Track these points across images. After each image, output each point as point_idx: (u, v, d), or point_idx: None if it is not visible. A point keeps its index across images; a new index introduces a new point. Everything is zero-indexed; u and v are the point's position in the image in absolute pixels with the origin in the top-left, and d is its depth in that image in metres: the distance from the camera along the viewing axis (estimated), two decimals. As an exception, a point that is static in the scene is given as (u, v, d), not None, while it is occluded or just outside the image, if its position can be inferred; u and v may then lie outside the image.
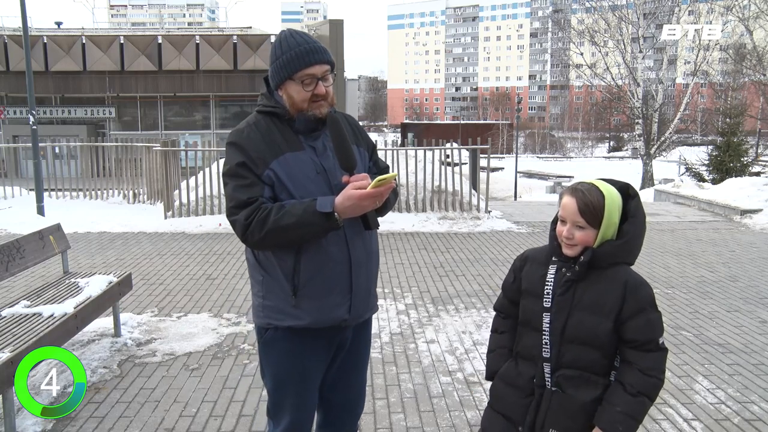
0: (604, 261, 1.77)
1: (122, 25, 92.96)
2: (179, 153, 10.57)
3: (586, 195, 1.77)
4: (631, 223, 1.80)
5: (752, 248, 7.73)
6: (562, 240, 1.82)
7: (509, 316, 2.01)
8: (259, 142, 1.96)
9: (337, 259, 1.98)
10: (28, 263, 4.09)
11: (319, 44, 1.98)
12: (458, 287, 5.91)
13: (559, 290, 1.81)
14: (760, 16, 24.16)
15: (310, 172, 1.97)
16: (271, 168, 1.93)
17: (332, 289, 1.99)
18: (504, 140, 61.12)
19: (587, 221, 1.76)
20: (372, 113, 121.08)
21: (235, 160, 1.95)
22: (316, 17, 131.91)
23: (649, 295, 1.79)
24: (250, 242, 1.93)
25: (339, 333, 2.09)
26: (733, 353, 4.23)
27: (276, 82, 1.99)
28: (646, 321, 1.75)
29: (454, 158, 10.97)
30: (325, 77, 1.97)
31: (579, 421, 1.79)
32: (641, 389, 1.73)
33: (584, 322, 1.77)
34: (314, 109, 1.96)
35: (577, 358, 1.79)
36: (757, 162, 19.07)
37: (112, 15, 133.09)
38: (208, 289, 5.86)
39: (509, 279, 2.00)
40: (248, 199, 1.90)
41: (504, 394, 1.94)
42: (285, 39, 1.97)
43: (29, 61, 10.00)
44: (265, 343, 2.09)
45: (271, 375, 2.11)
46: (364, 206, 1.85)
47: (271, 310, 2.03)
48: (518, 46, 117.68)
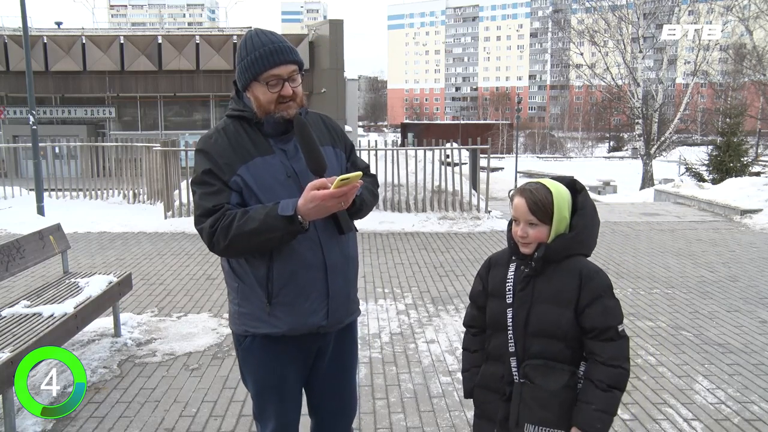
0: (558, 254, 1.84)
1: (122, 25, 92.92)
2: (179, 153, 10.57)
3: (534, 193, 1.85)
4: (580, 216, 1.87)
5: (752, 248, 7.73)
6: (517, 239, 1.88)
7: (480, 332, 2.04)
8: (227, 148, 1.91)
9: (311, 264, 1.93)
10: (28, 263, 4.09)
11: (286, 44, 1.92)
12: (458, 287, 5.91)
13: (519, 286, 1.87)
14: (760, 16, 24.17)
15: (281, 176, 1.92)
16: (238, 174, 1.88)
17: (308, 295, 1.94)
18: (504, 140, 61.13)
19: (538, 218, 1.84)
20: (372, 113, 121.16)
21: (202, 168, 1.90)
22: (316, 17, 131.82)
23: (604, 282, 1.84)
24: (216, 250, 1.88)
25: (318, 340, 2.05)
26: (733, 353, 4.23)
27: (242, 83, 1.94)
28: (603, 308, 1.80)
29: (454, 158, 10.97)
30: (292, 78, 1.91)
31: (553, 411, 1.80)
32: (610, 383, 1.78)
33: (546, 314, 1.83)
34: (281, 110, 1.91)
35: (541, 351, 1.83)
36: (757, 162, 19.06)
37: (112, 15, 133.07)
38: (208, 289, 5.86)
39: (477, 288, 2.04)
40: (214, 207, 1.86)
41: (484, 399, 1.97)
42: (250, 39, 1.91)
43: (29, 61, 10.00)
44: (243, 351, 2.06)
45: (253, 382, 2.08)
46: (329, 207, 1.78)
47: (248, 318, 1.99)
48: (518, 46, 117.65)
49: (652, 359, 4.12)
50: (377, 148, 9.97)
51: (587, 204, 1.88)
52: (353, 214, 1.98)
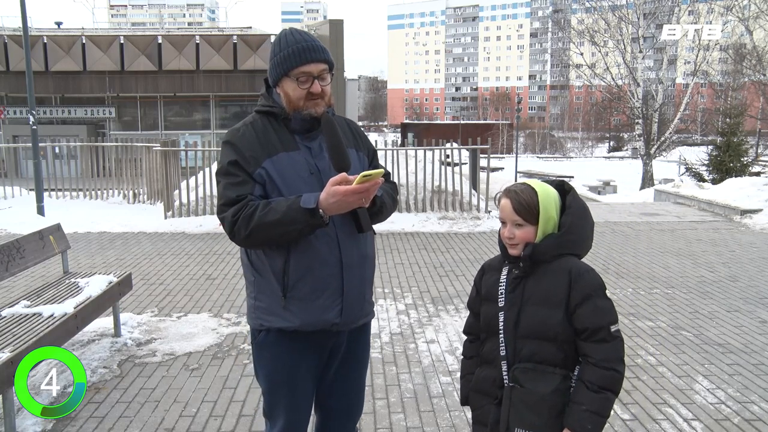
0: (547, 254, 1.82)
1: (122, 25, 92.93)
2: (179, 153, 10.57)
3: (519, 194, 1.85)
4: (568, 215, 1.85)
5: (752, 248, 7.73)
6: (505, 241, 1.88)
7: (476, 339, 2.02)
8: (254, 141, 1.95)
9: (327, 260, 1.95)
10: (28, 263, 4.09)
11: (319, 43, 1.97)
12: (458, 287, 5.91)
13: (509, 288, 1.87)
14: (760, 16, 24.17)
15: (303, 173, 1.95)
16: (263, 167, 1.92)
17: (322, 291, 1.96)
18: (504, 140, 61.11)
19: (524, 218, 1.83)
20: (372, 113, 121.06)
21: (228, 159, 1.95)
22: (316, 17, 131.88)
23: (595, 281, 1.81)
24: (237, 239, 1.91)
25: (331, 337, 2.06)
26: (733, 353, 4.23)
27: (274, 79, 1.99)
28: (593, 307, 1.78)
29: (454, 158, 10.97)
30: (322, 76, 1.96)
31: (543, 416, 1.78)
32: (602, 384, 1.75)
33: (536, 315, 1.81)
34: (310, 107, 1.95)
35: (532, 353, 1.81)
36: (757, 162, 19.05)
37: (112, 15, 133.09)
38: (208, 289, 5.86)
39: (473, 294, 2.03)
40: (237, 197, 1.90)
41: (478, 404, 1.96)
42: (284, 37, 1.97)
43: (29, 61, 10.00)
44: (258, 345, 2.08)
45: (265, 376, 2.10)
46: (350, 202, 1.81)
47: (263, 312, 2.02)
48: (518, 46, 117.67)
49: (652, 359, 4.12)
50: (377, 148, 9.95)
51: (575, 203, 1.87)
52: (373, 215, 1.99)
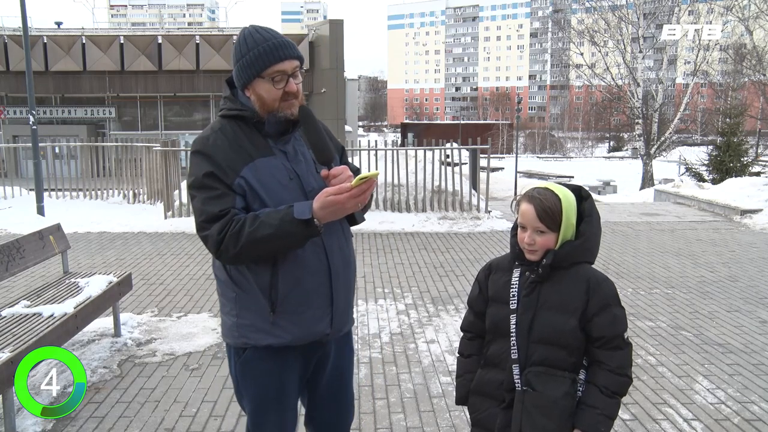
0: (565, 261, 1.81)
1: (122, 25, 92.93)
2: (179, 153, 10.57)
3: (543, 201, 1.80)
4: (587, 223, 1.85)
5: (752, 248, 7.73)
6: (524, 246, 1.85)
7: (476, 337, 2.01)
8: (227, 149, 1.82)
9: (316, 269, 1.87)
10: (28, 263, 4.09)
11: (287, 38, 1.86)
12: (458, 287, 5.91)
13: (524, 291, 1.84)
14: (760, 16, 24.17)
15: (283, 179, 1.85)
16: (242, 176, 1.80)
17: (312, 303, 1.88)
18: (504, 140, 61.13)
19: (547, 226, 1.80)
20: (372, 113, 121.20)
21: (202, 170, 1.80)
22: (316, 17, 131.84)
23: (612, 291, 1.83)
24: (224, 258, 1.79)
25: (319, 349, 2.00)
26: (733, 353, 4.23)
27: (243, 82, 1.86)
28: (612, 317, 1.79)
29: (454, 158, 10.97)
30: (295, 74, 1.85)
31: (554, 420, 1.78)
32: (615, 390, 1.78)
33: (550, 321, 1.80)
34: (285, 109, 1.84)
35: (543, 357, 1.81)
36: (757, 162, 19.03)
37: (112, 15, 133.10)
38: (208, 289, 5.85)
39: (474, 292, 2.01)
40: (220, 212, 1.76)
41: (480, 406, 1.94)
42: (250, 35, 1.83)
43: (29, 61, 10.00)
44: (242, 363, 1.96)
45: (251, 397, 1.99)
46: (348, 208, 1.74)
47: (248, 330, 1.89)
48: (518, 46, 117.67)
49: (652, 359, 4.12)
50: (377, 148, 9.97)
51: (594, 212, 1.87)
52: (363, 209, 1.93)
